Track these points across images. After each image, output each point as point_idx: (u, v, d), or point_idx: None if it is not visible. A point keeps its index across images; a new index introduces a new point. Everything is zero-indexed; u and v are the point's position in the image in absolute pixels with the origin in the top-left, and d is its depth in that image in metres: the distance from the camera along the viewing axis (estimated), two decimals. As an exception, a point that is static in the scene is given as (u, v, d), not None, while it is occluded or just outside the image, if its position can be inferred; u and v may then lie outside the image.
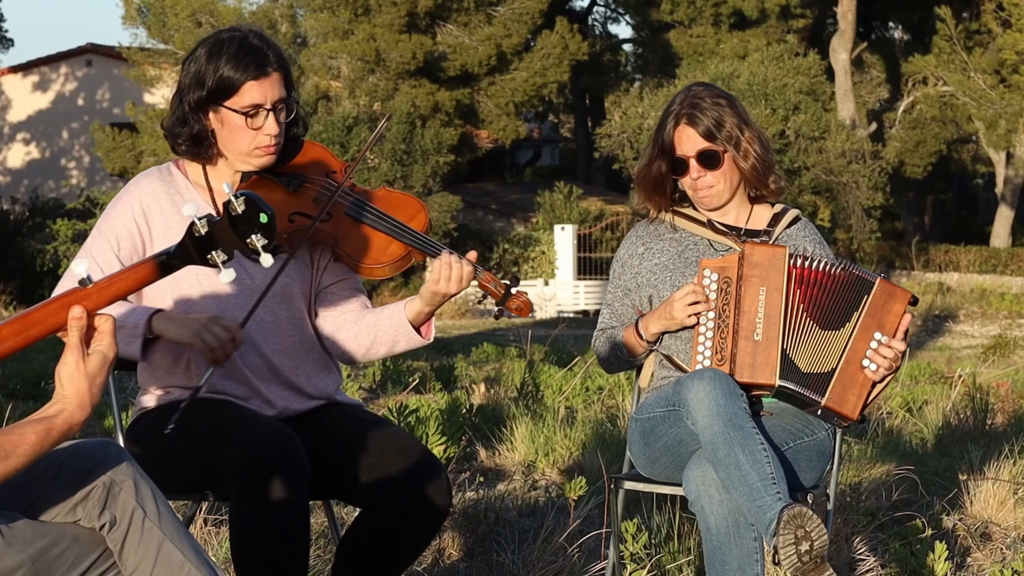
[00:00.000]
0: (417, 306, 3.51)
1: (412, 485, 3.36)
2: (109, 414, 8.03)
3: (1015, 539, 5.30)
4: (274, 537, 3.19)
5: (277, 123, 3.41)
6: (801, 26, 37.62)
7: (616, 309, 4.05)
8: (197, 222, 2.37)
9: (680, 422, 3.68)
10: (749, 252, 3.82)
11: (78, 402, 2.39)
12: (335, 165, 3.56)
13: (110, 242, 3.40)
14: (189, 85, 3.41)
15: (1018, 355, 16.10)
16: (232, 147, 3.43)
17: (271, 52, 3.41)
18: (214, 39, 3.44)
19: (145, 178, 3.50)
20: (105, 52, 37.63)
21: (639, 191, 4.07)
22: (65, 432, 2.39)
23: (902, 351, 3.81)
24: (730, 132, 3.90)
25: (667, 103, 4.04)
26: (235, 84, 3.37)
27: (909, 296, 3.84)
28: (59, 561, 2.55)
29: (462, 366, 12.58)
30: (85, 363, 2.39)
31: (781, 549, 3.37)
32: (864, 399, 3.80)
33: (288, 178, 3.50)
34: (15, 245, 30.30)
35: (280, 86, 3.42)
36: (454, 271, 3.41)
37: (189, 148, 3.46)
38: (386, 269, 3.47)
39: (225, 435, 3.26)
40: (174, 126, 3.45)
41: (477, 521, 5.19)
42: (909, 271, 36.15)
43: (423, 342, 3.55)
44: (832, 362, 3.80)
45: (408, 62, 31.28)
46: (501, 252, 32.31)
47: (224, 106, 3.39)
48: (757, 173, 3.94)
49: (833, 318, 3.82)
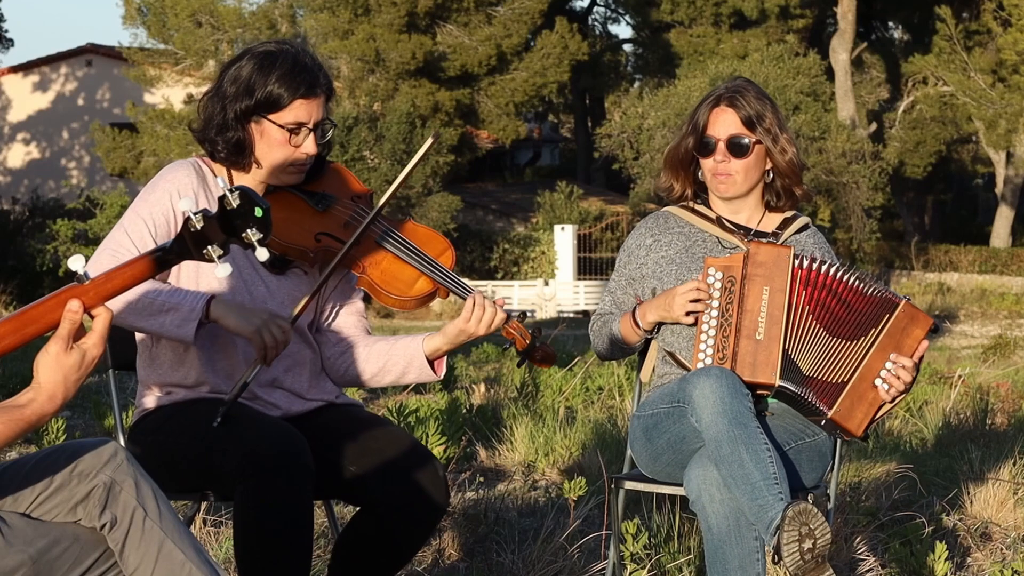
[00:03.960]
0: (437, 343, 3.53)
1: (409, 482, 3.37)
2: (109, 414, 8.03)
3: (1015, 539, 5.31)
4: (278, 536, 3.19)
5: (315, 144, 3.43)
6: (801, 26, 37.63)
7: (618, 297, 4.05)
8: (193, 217, 2.37)
9: (683, 419, 3.67)
10: (754, 251, 3.82)
11: (48, 394, 2.38)
12: (358, 187, 3.58)
13: (147, 225, 3.38)
14: (236, 94, 3.40)
15: (1018, 355, 16.10)
16: (268, 159, 3.43)
17: (321, 74, 3.44)
18: (264, 51, 3.44)
19: (181, 168, 3.48)
20: (105, 52, 37.64)
21: (665, 169, 4.06)
22: (34, 423, 2.38)
23: (914, 373, 3.82)
24: (769, 127, 3.90)
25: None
26: (284, 100, 3.38)
27: (931, 323, 3.85)
28: (60, 561, 2.54)
29: (462, 366, 12.57)
30: (66, 356, 2.38)
31: (784, 546, 3.36)
32: (871, 417, 3.80)
33: (317, 197, 3.50)
34: (15, 245, 30.32)
35: (323, 108, 3.44)
36: (487, 315, 3.42)
37: (228, 155, 3.45)
38: (412, 303, 3.46)
39: (230, 434, 3.26)
40: (214, 131, 3.44)
41: (477, 521, 5.19)
42: (909, 271, 36.16)
43: (434, 377, 3.57)
44: (844, 375, 3.78)
45: (408, 62, 31.31)
46: (501, 252, 32.32)
47: (268, 119, 3.40)
48: (794, 168, 3.94)
49: (846, 328, 3.80)
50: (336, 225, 3.47)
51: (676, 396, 3.71)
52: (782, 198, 4.01)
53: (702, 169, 3.98)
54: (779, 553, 3.38)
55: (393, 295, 3.44)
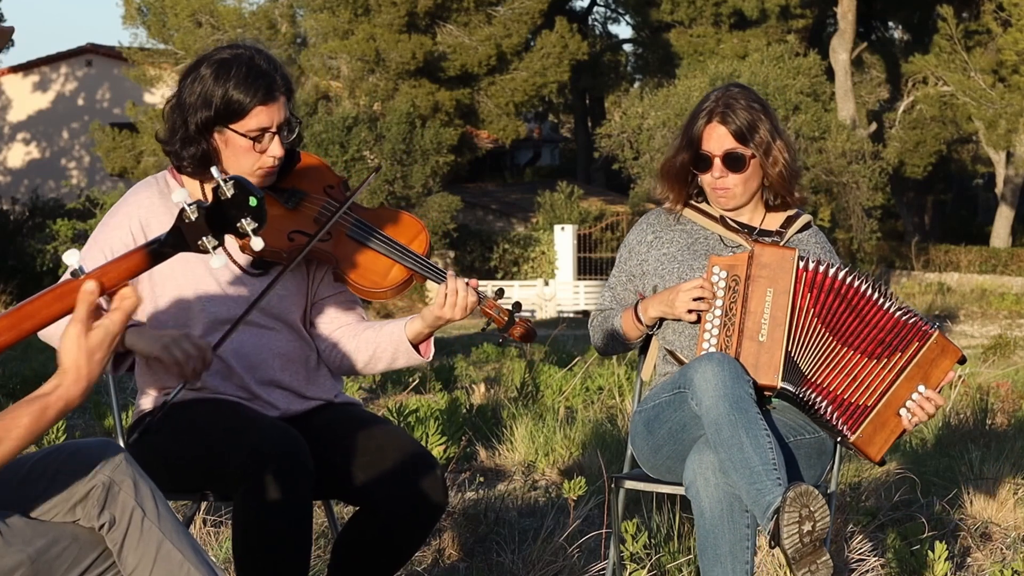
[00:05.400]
0: (417, 326, 3.53)
1: (408, 482, 3.36)
2: (109, 414, 8.03)
3: (1015, 539, 5.30)
4: (278, 537, 3.19)
5: (282, 146, 3.42)
6: (801, 26, 37.62)
7: (618, 293, 4.04)
8: (187, 208, 2.37)
9: (684, 405, 3.67)
10: (758, 252, 3.81)
11: (74, 376, 2.34)
12: (331, 179, 3.56)
13: (104, 253, 3.39)
14: (194, 105, 3.39)
15: (1018, 355, 16.09)
16: (235, 167, 3.42)
17: (278, 75, 3.41)
18: (219, 58, 3.41)
19: (143, 190, 3.49)
20: (105, 52, 37.63)
21: (661, 180, 4.06)
22: (62, 409, 2.34)
23: (940, 405, 3.85)
24: (762, 138, 3.90)
25: (700, 99, 4.02)
26: (244, 108, 3.37)
27: (960, 355, 3.86)
28: (58, 561, 2.54)
29: (462, 366, 12.58)
30: (87, 337, 2.34)
31: (784, 527, 3.34)
32: (890, 444, 3.81)
33: (287, 194, 3.49)
34: (15, 245, 30.32)
35: (285, 108, 3.42)
36: (459, 299, 3.42)
37: (195, 168, 3.45)
38: (388, 293, 3.46)
39: (230, 435, 3.26)
40: (178, 144, 3.43)
41: (477, 521, 5.19)
42: (909, 271, 36.15)
43: (422, 360, 3.58)
44: (870, 398, 3.77)
45: (408, 62, 31.30)
46: (501, 252, 32.31)
47: (230, 128, 3.39)
48: (784, 180, 3.94)
49: (864, 343, 3.78)
50: (307, 221, 3.45)
51: (678, 383, 3.71)
52: (779, 199, 4.01)
53: (702, 182, 3.99)
54: (777, 536, 3.35)
55: (366, 287, 3.44)
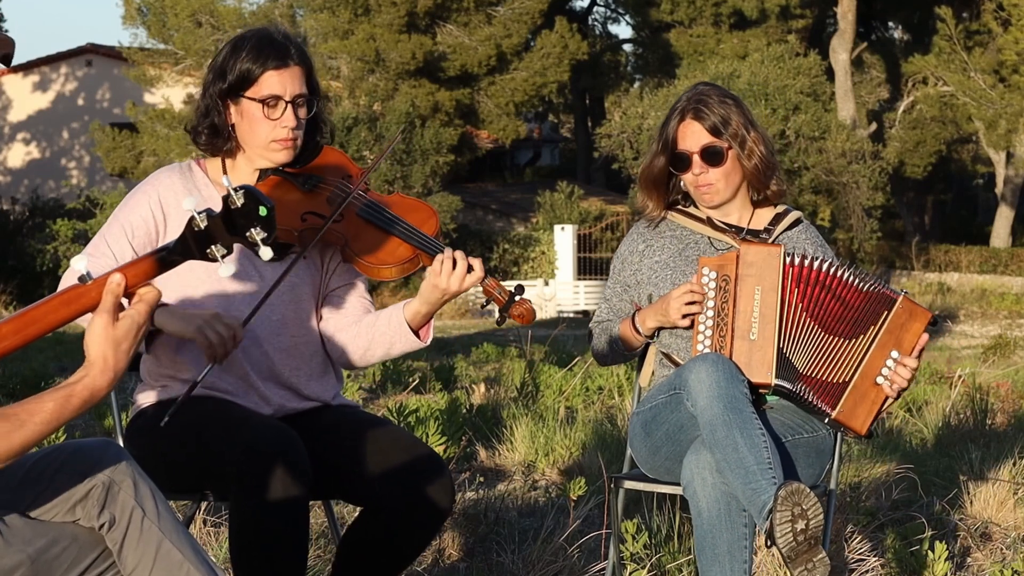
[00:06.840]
0: (415, 306, 3.49)
1: (416, 484, 3.36)
2: (109, 414, 8.03)
3: (1015, 539, 5.30)
4: (274, 537, 3.18)
5: (296, 117, 3.44)
6: (801, 26, 37.62)
7: (614, 304, 4.05)
8: (196, 216, 2.37)
9: (680, 406, 3.67)
10: (744, 251, 3.83)
11: (101, 367, 2.34)
12: (352, 170, 3.60)
13: (125, 230, 3.43)
14: (212, 79, 3.48)
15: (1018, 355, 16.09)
16: (251, 140, 3.46)
17: (292, 47, 3.47)
18: (239, 35, 3.51)
19: (166, 172, 3.54)
20: (105, 52, 37.62)
21: (641, 188, 4.07)
22: (87, 399, 2.34)
23: (915, 369, 3.82)
24: (736, 130, 3.91)
25: (673, 102, 4.03)
26: (254, 74, 3.43)
27: (929, 316, 3.84)
28: (58, 561, 2.54)
29: (462, 366, 12.57)
30: (113, 327, 2.34)
31: (777, 527, 3.33)
32: (874, 415, 3.80)
33: (304, 179, 3.53)
34: (15, 245, 30.29)
35: (301, 82, 3.47)
36: (458, 267, 3.40)
37: (208, 139, 3.50)
38: (393, 270, 3.46)
39: (225, 434, 3.25)
40: (196, 119, 3.51)
41: (477, 521, 5.19)
42: (909, 271, 36.15)
43: (420, 345, 3.53)
44: (846, 374, 3.78)
45: (408, 62, 31.29)
46: (501, 252, 32.30)
47: (244, 96, 3.44)
48: (759, 174, 3.95)
49: (843, 325, 3.80)
50: (320, 202, 3.48)
51: (673, 384, 3.72)
52: (760, 194, 4.02)
53: (684, 182, 3.99)
54: (772, 536, 3.35)
55: (373, 264, 3.45)
